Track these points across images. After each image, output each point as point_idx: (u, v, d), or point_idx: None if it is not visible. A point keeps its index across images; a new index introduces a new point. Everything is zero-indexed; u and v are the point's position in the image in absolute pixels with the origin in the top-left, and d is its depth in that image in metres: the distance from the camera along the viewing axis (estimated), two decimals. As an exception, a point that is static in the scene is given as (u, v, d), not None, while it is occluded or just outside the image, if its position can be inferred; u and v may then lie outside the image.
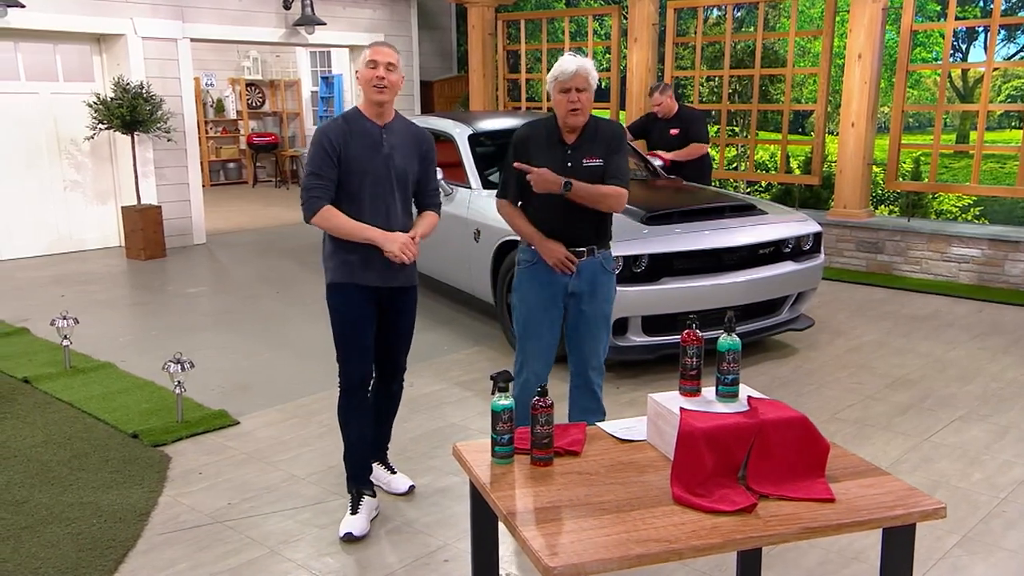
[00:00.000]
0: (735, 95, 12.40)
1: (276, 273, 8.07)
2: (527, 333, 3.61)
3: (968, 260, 7.35)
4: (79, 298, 7.05)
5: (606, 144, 3.48)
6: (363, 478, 3.50)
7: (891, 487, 2.17)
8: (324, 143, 3.22)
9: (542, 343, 3.60)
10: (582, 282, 3.54)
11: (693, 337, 2.46)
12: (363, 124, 3.29)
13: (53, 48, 8.81)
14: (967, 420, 4.46)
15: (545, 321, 3.58)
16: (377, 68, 3.20)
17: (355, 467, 3.48)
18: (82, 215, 9.16)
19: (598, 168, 3.46)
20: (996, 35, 7.44)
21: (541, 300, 3.56)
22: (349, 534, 3.32)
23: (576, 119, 3.40)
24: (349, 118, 3.31)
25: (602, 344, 3.65)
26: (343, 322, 3.37)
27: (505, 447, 2.35)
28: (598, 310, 3.60)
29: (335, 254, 3.34)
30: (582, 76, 3.32)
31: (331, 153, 3.22)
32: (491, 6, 10.76)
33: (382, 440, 3.77)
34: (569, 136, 3.47)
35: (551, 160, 3.45)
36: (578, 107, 3.35)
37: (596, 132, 3.49)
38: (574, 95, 3.34)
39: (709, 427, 2.21)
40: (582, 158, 3.45)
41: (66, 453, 4.05)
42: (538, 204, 3.52)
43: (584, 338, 3.61)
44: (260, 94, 15.07)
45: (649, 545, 1.93)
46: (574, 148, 3.46)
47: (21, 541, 3.27)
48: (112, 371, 5.22)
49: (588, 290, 3.56)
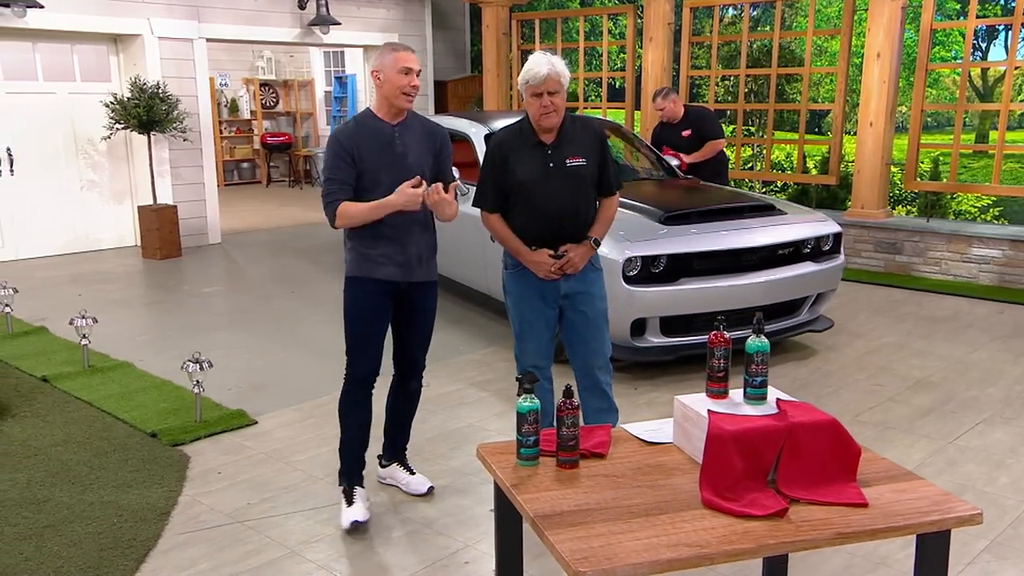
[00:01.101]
0: (751, 95, 12.34)
1: (291, 273, 8.07)
2: (524, 334, 3.61)
3: (988, 261, 7.28)
4: (96, 297, 7.06)
5: (588, 144, 3.46)
6: (355, 473, 3.51)
7: (924, 492, 2.13)
8: (336, 148, 3.24)
9: (540, 341, 3.60)
10: (573, 282, 3.52)
11: (721, 339, 2.43)
12: (375, 125, 3.29)
13: (70, 48, 8.84)
14: (991, 423, 4.41)
15: (540, 320, 3.57)
16: (410, 75, 3.22)
17: (349, 462, 3.50)
18: (98, 215, 9.19)
19: (582, 168, 3.43)
20: (1019, 34, 7.37)
21: (533, 303, 3.55)
22: (355, 522, 3.34)
23: (550, 121, 3.36)
24: (360, 120, 3.33)
25: (605, 342, 3.63)
26: (355, 315, 3.37)
27: (530, 449, 2.33)
28: (597, 309, 3.58)
29: (354, 248, 3.36)
30: (553, 79, 3.27)
31: (344, 156, 3.22)
32: (505, 6, 10.74)
33: (401, 441, 3.76)
34: (547, 136, 3.43)
35: (531, 162, 3.42)
36: (550, 110, 3.31)
37: (574, 131, 3.45)
38: (546, 99, 3.29)
39: (738, 430, 2.18)
40: (564, 158, 3.42)
41: (86, 452, 4.06)
42: (522, 212, 3.49)
43: (588, 340, 3.59)
44: (274, 94, 15.10)
45: (680, 550, 1.90)
46: (554, 148, 3.43)
47: (44, 539, 3.27)
48: (130, 370, 5.22)
49: (581, 289, 3.54)
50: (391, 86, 3.21)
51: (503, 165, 3.46)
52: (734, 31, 13.74)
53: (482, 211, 3.59)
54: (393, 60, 3.21)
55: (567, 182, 3.43)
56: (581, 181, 3.45)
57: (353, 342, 3.40)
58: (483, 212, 3.59)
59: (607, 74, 10.33)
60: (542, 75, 3.26)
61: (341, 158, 3.22)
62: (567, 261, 3.46)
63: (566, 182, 3.43)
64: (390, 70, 3.21)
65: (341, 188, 3.23)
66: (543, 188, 3.43)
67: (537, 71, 3.26)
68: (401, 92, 3.21)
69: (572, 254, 3.46)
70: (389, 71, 3.21)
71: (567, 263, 3.46)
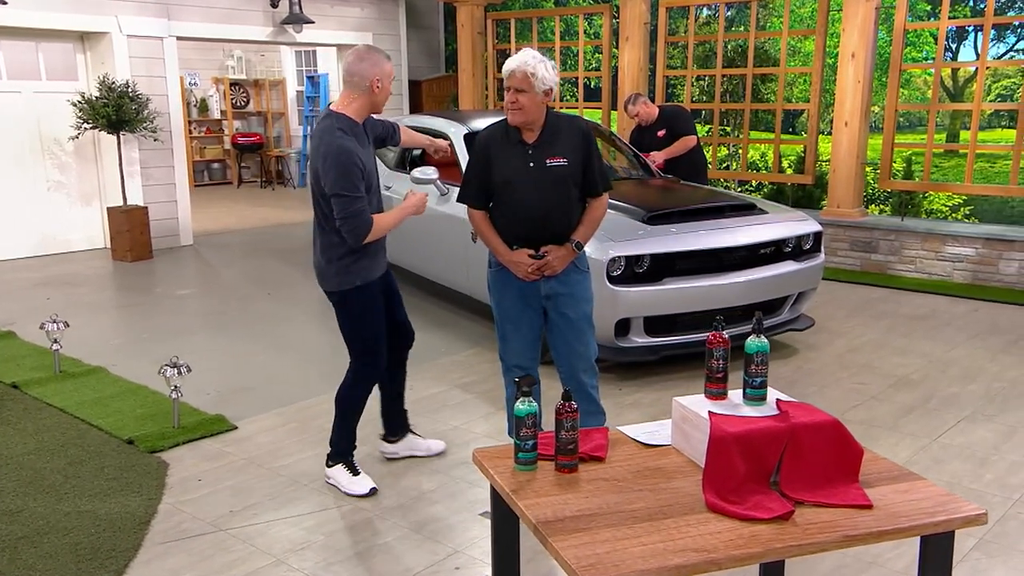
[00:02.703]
0: (727, 94, 12.39)
1: (266, 274, 7.96)
2: (507, 334, 3.60)
3: (963, 259, 7.36)
4: (66, 301, 6.91)
5: (571, 144, 3.42)
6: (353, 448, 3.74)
7: (927, 492, 2.11)
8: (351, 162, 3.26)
9: (524, 341, 3.58)
10: (556, 283, 3.50)
11: (719, 339, 2.40)
12: (359, 131, 3.40)
13: (36, 46, 8.65)
14: (973, 420, 4.44)
15: (524, 319, 3.56)
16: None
17: (351, 443, 3.71)
18: (67, 216, 9.00)
19: (563, 168, 3.40)
20: (989, 34, 7.46)
21: (516, 301, 3.54)
22: (374, 488, 3.63)
23: (514, 118, 3.36)
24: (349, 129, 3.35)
25: (589, 345, 3.61)
26: (374, 316, 3.54)
27: (529, 453, 2.28)
28: (580, 312, 3.55)
29: (359, 260, 3.45)
30: (518, 76, 3.28)
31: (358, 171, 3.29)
32: (480, 5, 10.68)
33: (404, 413, 3.97)
34: (529, 135, 3.41)
35: (512, 161, 3.40)
36: (517, 107, 3.32)
37: (558, 130, 3.42)
38: (513, 95, 3.31)
39: (741, 431, 2.15)
40: (545, 158, 3.39)
41: (60, 460, 3.94)
42: (504, 212, 3.48)
43: (571, 342, 3.56)
44: (244, 94, 14.91)
45: (688, 555, 1.87)
46: (535, 147, 3.41)
47: (18, 552, 3.16)
48: (103, 375, 5.10)
49: (565, 291, 3.51)
50: (385, 95, 3.40)
51: (487, 162, 3.45)
52: (708, 31, 13.79)
53: (470, 209, 3.57)
54: (388, 71, 3.39)
55: (547, 182, 3.40)
56: (562, 181, 3.41)
57: (377, 342, 3.57)
58: (471, 210, 3.57)
59: (583, 74, 10.31)
60: (509, 69, 3.32)
61: (356, 172, 3.27)
62: (546, 263, 3.43)
63: (546, 182, 3.40)
64: (387, 80, 3.39)
65: (365, 201, 3.31)
66: (524, 187, 3.41)
67: (507, 65, 3.33)
68: (384, 102, 3.44)
69: (551, 256, 3.44)
70: (386, 81, 3.39)
71: (545, 265, 3.43)
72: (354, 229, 3.28)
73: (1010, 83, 19.46)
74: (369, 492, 3.60)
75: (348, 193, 3.24)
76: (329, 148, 3.26)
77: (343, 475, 3.66)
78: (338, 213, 3.27)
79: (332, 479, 3.69)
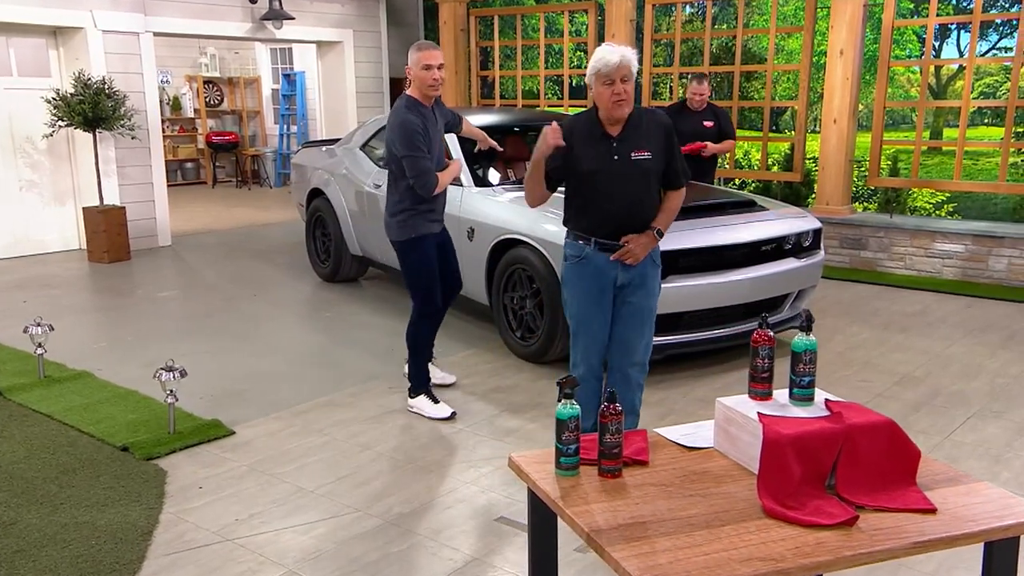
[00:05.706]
0: (713, 92, 12.38)
1: (249, 274, 7.78)
2: (580, 328, 3.54)
3: (952, 256, 7.38)
4: (43, 303, 6.69)
5: (655, 138, 3.41)
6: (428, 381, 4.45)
7: (988, 495, 2.05)
8: (415, 129, 3.98)
9: (596, 338, 3.53)
10: (632, 274, 3.48)
11: (765, 337, 2.32)
12: (423, 110, 4.09)
13: (6, 41, 8.38)
14: (982, 417, 4.41)
15: (598, 314, 3.50)
16: (432, 70, 4.01)
17: (426, 375, 4.42)
18: (40, 217, 8.73)
19: (647, 161, 3.39)
20: (977, 32, 7.49)
21: (592, 293, 3.49)
22: (454, 413, 4.33)
23: (621, 110, 3.30)
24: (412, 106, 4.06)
25: (645, 339, 3.57)
26: (428, 263, 4.23)
27: (571, 458, 2.18)
28: (644, 302, 3.53)
29: (412, 217, 4.15)
30: (626, 67, 3.24)
31: (422, 136, 3.99)
32: (463, 2, 10.56)
33: (432, 345, 4.54)
34: (613, 128, 3.37)
35: (596, 153, 3.37)
36: (623, 98, 3.26)
37: (641, 123, 3.40)
38: (619, 86, 3.25)
39: (796, 433, 2.07)
40: (629, 151, 3.37)
41: (52, 469, 3.77)
42: (586, 203, 3.44)
43: (628, 329, 3.53)
44: (218, 92, 14.65)
45: (755, 565, 1.78)
46: (620, 140, 3.37)
47: (15, 567, 3.00)
48: (90, 380, 4.91)
49: (638, 282, 3.50)
50: (420, 79, 4.01)
51: (569, 152, 3.37)
52: (691, 29, 13.76)
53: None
54: (417, 59, 3.99)
55: (631, 175, 3.38)
56: (645, 174, 3.41)
57: (429, 281, 4.25)
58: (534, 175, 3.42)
59: (568, 72, 10.23)
60: (614, 62, 3.22)
61: (419, 137, 3.97)
62: (627, 251, 3.39)
63: (630, 175, 3.38)
64: (416, 67, 3.99)
65: (430, 160, 4.02)
66: (607, 180, 3.38)
67: (609, 59, 3.23)
68: (427, 85, 4.02)
69: (632, 244, 3.40)
70: (416, 68, 4.00)
71: (627, 253, 3.40)
72: (424, 184, 4.01)
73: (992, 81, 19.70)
74: (450, 415, 4.29)
75: (413, 153, 3.95)
76: (395, 120, 4.03)
77: (426, 403, 4.33)
78: (409, 171, 4.00)
79: (415, 407, 4.37)
